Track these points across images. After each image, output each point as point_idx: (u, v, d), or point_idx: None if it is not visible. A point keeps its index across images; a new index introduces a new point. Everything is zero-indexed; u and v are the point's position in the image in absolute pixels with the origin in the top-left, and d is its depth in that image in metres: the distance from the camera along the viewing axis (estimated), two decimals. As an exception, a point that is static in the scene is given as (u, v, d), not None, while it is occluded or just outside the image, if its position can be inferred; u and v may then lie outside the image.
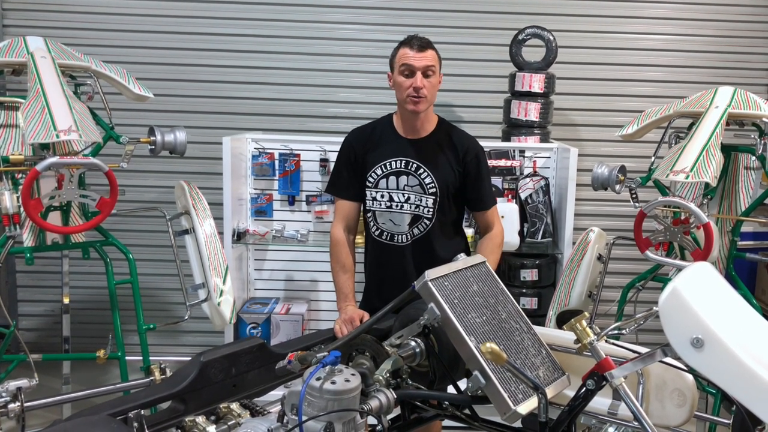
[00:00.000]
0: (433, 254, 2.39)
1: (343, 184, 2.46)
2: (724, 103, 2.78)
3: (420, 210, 2.39)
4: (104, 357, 2.87)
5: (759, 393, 1.28)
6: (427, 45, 2.31)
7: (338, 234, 2.43)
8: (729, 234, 2.98)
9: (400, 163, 2.39)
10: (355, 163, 2.43)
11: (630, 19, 4.19)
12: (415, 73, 2.27)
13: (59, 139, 2.45)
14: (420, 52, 2.28)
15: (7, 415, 1.78)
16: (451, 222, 2.48)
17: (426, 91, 2.28)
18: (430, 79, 2.30)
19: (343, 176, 2.45)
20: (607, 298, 3.19)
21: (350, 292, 2.37)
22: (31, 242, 2.77)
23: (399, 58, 2.31)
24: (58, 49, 2.83)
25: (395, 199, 2.40)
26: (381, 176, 2.40)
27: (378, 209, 2.42)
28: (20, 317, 4.27)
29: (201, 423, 1.56)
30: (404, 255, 2.41)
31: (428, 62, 2.28)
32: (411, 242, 2.41)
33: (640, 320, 1.57)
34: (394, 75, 2.34)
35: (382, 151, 2.40)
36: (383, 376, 1.64)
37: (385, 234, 2.43)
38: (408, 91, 2.29)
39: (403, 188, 2.39)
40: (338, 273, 2.40)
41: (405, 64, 2.28)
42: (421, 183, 2.38)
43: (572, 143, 3.74)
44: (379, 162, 2.39)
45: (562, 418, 1.62)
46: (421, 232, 2.41)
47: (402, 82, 2.30)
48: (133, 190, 3.77)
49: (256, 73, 4.18)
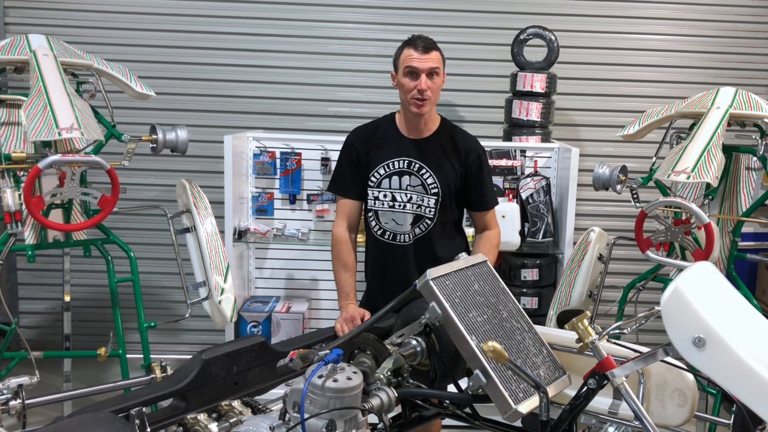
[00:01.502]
0: (434, 254, 2.40)
1: (345, 183, 2.46)
2: (726, 103, 2.78)
3: (422, 210, 2.39)
4: (105, 355, 2.87)
5: (760, 392, 1.28)
6: (432, 46, 2.30)
7: (340, 232, 2.43)
8: (730, 234, 2.98)
9: (403, 163, 2.39)
10: (358, 162, 2.43)
11: (632, 19, 4.19)
12: (419, 75, 2.26)
13: (61, 136, 2.46)
14: (424, 54, 2.27)
15: (8, 413, 1.78)
16: (452, 222, 2.48)
17: (430, 92, 2.28)
18: (435, 80, 2.29)
19: (345, 175, 2.45)
20: (607, 298, 3.20)
21: (351, 290, 2.37)
22: (32, 240, 2.78)
23: (403, 60, 2.30)
24: (60, 47, 2.83)
25: (398, 198, 2.40)
26: (384, 176, 2.40)
27: (381, 209, 2.42)
28: (21, 315, 4.27)
29: (202, 421, 1.56)
30: (406, 254, 2.41)
31: (433, 64, 2.27)
32: (413, 242, 2.41)
33: (642, 320, 1.58)
34: (398, 76, 2.34)
35: (384, 150, 2.40)
36: (384, 374, 1.65)
37: (388, 233, 2.43)
38: (412, 93, 2.28)
39: (406, 188, 2.39)
40: (339, 271, 2.40)
41: (409, 66, 2.27)
42: (423, 183, 2.39)
43: (573, 143, 3.74)
44: (381, 162, 2.39)
45: (563, 418, 1.62)
46: (422, 231, 2.41)
47: (406, 84, 2.29)
48: (134, 188, 3.78)
49: (257, 72, 4.18)
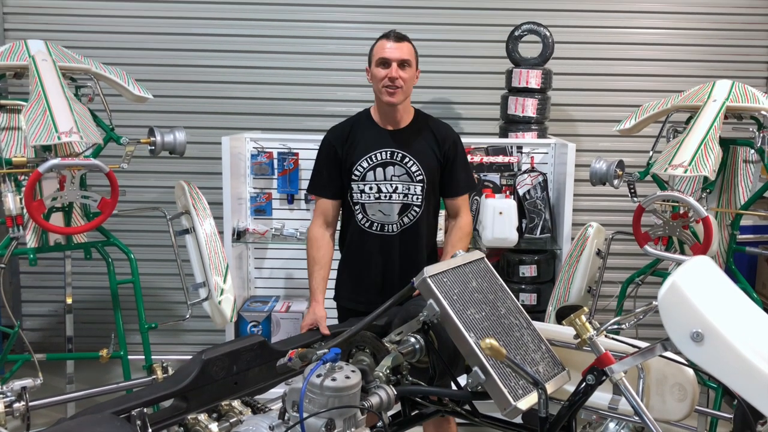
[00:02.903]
0: (419, 241, 2.46)
1: (323, 184, 2.49)
2: (722, 96, 2.78)
3: (409, 198, 2.42)
4: (107, 356, 2.88)
5: (760, 387, 1.28)
6: (404, 38, 2.37)
7: (316, 232, 2.47)
8: (728, 228, 2.99)
9: (385, 154, 2.42)
10: (335, 161, 2.45)
11: (626, 13, 4.18)
12: (390, 64, 2.32)
13: (61, 140, 2.47)
14: (396, 43, 2.34)
15: (12, 415, 1.79)
16: (434, 208, 2.53)
17: (401, 81, 2.33)
18: (406, 70, 2.35)
19: (323, 175, 2.48)
20: (606, 294, 3.20)
21: (316, 289, 2.40)
22: (34, 243, 2.79)
23: (376, 51, 2.37)
24: (59, 52, 2.84)
25: (383, 190, 2.42)
26: (367, 169, 2.42)
27: (367, 201, 2.44)
28: (24, 317, 4.28)
29: (203, 421, 1.57)
30: (392, 244, 2.44)
31: (404, 55, 2.34)
32: (400, 231, 2.44)
33: (640, 315, 1.58)
34: (371, 68, 2.39)
35: (364, 144, 2.43)
36: (383, 372, 1.65)
37: (375, 225, 2.45)
38: (383, 81, 2.33)
39: (391, 178, 2.42)
40: (312, 268, 2.44)
41: (381, 57, 2.34)
42: (408, 171, 2.42)
43: (570, 139, 3.74)
44: (363, 155, 2.42)
45: (563, 414, 1.63)
46: (411, 220, 2.44)
47: (378, 73, 2.35)
48: (133, 190, 3.78)
49: (254, 73, 4.18)
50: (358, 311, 2.38)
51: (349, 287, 2.52)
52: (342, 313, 2.55)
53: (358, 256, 2.49)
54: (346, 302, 2.53)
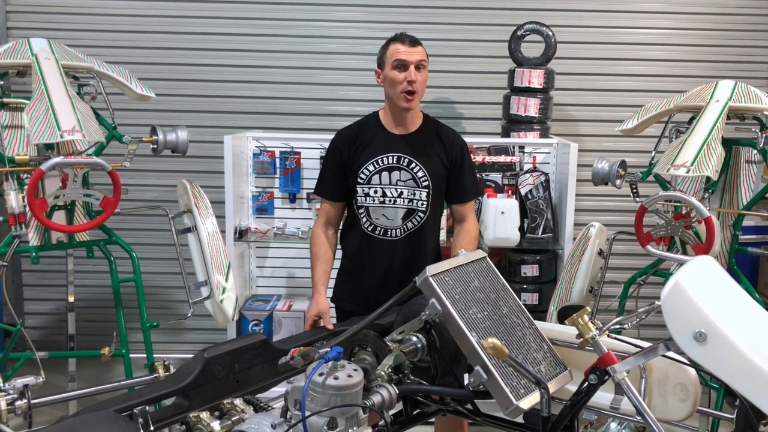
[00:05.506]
0: (423, 246, 2.45)
1: (329, 187, 2.49)
2: (725, 96, 2.77)
3: (414, 204, 2.42)
4: (109, 354, 2.89)
5: (763, 386, 1.28)
6: (417, 41, 2.38)
7: (319, 231, 2.49)
8: (731, 228, 2.98)
9: (392, 158, 2.42)
10: (342, 164, 2.45)
11: (629, 13, 4.18)
12: (408, 67, 2.32)
13: (63, 139, 2.47)
14: (412, 47, 2.34)
15: (14, 412, 1.80)
16: (439, 214, 2.53)
17: (418, 84, 2.34)
18: (422, 72, 2.36)
19: (328, 179, 2.49)
20: (608, 294, 3.20)
21: (318, 281, 2.42)
22: (36, 241, 2.80)
23: (391, 54, 2.35)
24: (62, 51, 2.84)
25: (388, 194, 2.42)
26: (373, 172, 2.42)
27: (371, 205, 2.44)
28: (26, 316, 4.29)
29: (205, 419, 1.57)
30: (395, 248, 2.44)
31: (420, 57, 2.35)
32: (404, 236, 2.44)
33: (642, 315, 1.58)
34: (385, 71, 2.38)
35: (372, 148, 2.43)
36: (385, 371, 1.65)
37: (378, 229, 2.44)
38: (402, 85, 2.33)
39: (396, 183, 2.42)
40: (315, 262, 2.46)
41: (398, 59, 2.32)
42: (413, 177, 2.41)
43: (572, 138, 3.74)
44: (370, 159, 2.42)
45: (565, 413, 1.63)
46: (415, 225, 2.44)
47: (395, 77, 2.34)
48: (135, 189, 3.78)
49: (256, 72, 4.18)
50: (356, 314, 2.38)
51: (349, 290, 2.53)
52: (341, 315, 2.55)
53: (360, 259, 2.49)
54: (345, 304, 2.53)
